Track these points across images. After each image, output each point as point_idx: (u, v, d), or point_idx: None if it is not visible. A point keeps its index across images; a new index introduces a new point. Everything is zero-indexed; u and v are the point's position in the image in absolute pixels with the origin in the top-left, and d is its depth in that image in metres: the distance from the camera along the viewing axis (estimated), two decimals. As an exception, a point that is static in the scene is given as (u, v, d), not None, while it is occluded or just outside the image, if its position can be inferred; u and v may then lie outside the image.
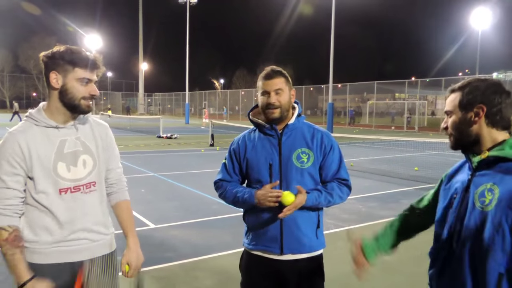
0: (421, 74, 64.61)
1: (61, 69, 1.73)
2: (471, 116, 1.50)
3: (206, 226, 5.72)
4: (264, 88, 2.07)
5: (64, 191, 1.75)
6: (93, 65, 1.76)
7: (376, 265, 1.91)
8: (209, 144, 16.30)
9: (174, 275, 4.05)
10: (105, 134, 1.95)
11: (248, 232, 2.16)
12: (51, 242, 1.75)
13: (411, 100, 38.64)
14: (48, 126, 1.76)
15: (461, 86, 1.55)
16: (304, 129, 2.12)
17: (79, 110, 1.78)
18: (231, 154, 2.21)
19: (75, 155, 1.79)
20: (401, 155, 13.80)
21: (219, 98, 58.97)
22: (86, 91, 1.76)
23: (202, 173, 10.07)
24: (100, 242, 1.87)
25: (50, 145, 1.74)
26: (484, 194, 1.42)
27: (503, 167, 1.42)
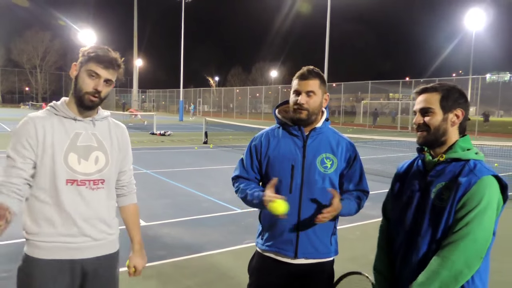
0: (416, 74, 64.97)
1: (80, 61, 1.80)
2: (450, 118, 1.65)
3: (197, 224, 5.70)
4: (296, 87, 2.01)
5: (70, 182, 1.75)
6: (106, 61, 1.77)
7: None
8: (203, 141, 16.26)
9: (165, 274, 4.02)
10: (122, 136, 1.96)
11: (263, 232, 2.11)
12: (53, 234, 1.74)
13: (405, 100, 38.83)
14: (66, 117, 1.80)
15: (438, 88, 1.67)
16: (329, 134, 2.08)
17: (83, 104, 1.79)
18: (251, 151, 2.13)
19: (88, 150, 1.80)
20: (394, 155, 13.87)
21: (214, 96, 58.86)
22: (91, 86, 1.77)
23: (195, 171, 10.03)
24: (103, 242, 1.85)
25: (65, 134, 1.77)
26: (440, 192, 1.58)
27: (456, 166, 1.60)
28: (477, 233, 1.49)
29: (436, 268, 1.52)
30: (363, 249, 4.78)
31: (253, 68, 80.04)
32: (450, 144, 1.66)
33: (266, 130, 2.17)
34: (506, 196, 1.57)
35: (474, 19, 33.76)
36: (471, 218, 1.50)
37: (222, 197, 7.21)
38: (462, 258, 1.49)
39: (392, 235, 1.81)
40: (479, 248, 1.50)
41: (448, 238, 1.54)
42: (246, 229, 5.51)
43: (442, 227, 1.57)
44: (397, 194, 1.80)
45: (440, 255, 1.53)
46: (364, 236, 5.30)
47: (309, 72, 1.99)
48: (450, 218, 1.55)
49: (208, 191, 7.63)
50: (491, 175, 1.54)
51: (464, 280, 1.51)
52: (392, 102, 46.00)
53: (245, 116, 45.81)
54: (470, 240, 1.49)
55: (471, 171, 1.56)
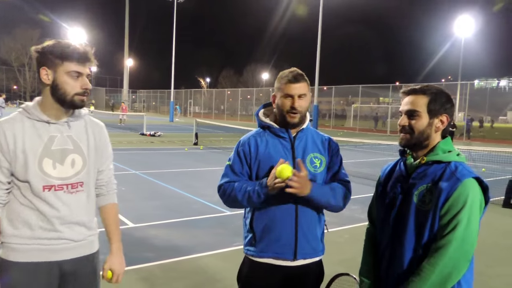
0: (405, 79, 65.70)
1: (50, 64, 1.68)
2: (435, 123, 1.65)
3: (187, 226, 5.65)
4: (288, 91, 1.98)
5: (47, 188, 1.69)
6: (83, 58, 1.70)
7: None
8: (193, 143, 16.19)
9: (154, 276, 3.98)
10: (99, 134, 1.89)
11: (253, 239, 2.03)
12: (31, 237, 1.69)
13: (396, 105, 39.17)
14: (39, 120, 1.71)
15: (426, 91, 1.66)
16: (313, 134, 2.12)
17: (73, 105, 1.74)
18: (239, 156, 2.07)
19: (63, 153, 1.73)
20: (384, 159, 13.97)
21: (205, 97, 58.71)
22: (78, 86, 1.71)
23: (185, 172, 9.98)
24: (81, 243, 1.81)
25: (38, 139, 1.69)
26: (423, 194, 1.58)
27: (437, 168, 1.61)
28: (464, 236, 1.50)
29: (425, 274, 1.51)
30: (352, 252, 4.77)
31: (245, 70, 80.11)
32: (432, 146, 1.66)
33: (251, 133, 2.13)
34: (488, 198, 1.58)
35: (463, 26, 34.21)
36: (457, 221, 1.50)
37: (211, 199, 7.16)
38: (451, 262, 1.49)
39: (377, 238, 1.81)
40: (467, 250, 1.51)
41: (436, 242, 1.54)
42: (235, 231, 5.48)
43: (427, 230, 1.57)
44: (380, 196, 1.81)
45: (429, 261, 1.53)
46: (353, 239, 5.31)
47: (300, 75, 2.00)
48: (435, 221, 1.55)
49: (197, 193, 7.58)
50: (472, 177, 1.55)
51: (452, 283, 1.51)
52: (382, 106, 46.35)
53: (236, 118, 45.75)
54: (458, 244, 1.49)
55: (453, 174, 1.56)
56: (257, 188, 1.91)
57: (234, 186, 2.00)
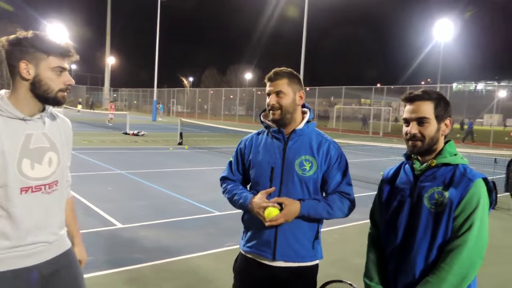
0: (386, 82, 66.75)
1: (31, 57, 1.56)
2: (442, 127, 1.68)
3: (176, 226, 5.60)
4: (267, 90, 2.06)
5: (25, 190, 1.58)
6: (66, 52, 1.61)
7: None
8: (178, 142, 16.06)
9: (144, 277, 3.93)
10: (69, 131, 1.84)
11: (245, 233, 2.13)
12: (8, 247, 1.58)
13: (377, 106, 39.76)
14: (13, 117, 1.57)
15: (430, 96, 1.67)
16: (312, 136, 2.06)
17: (56, 102, 1.65)
18: (237, 154, 2.19)
19: (41, 152, 1.63)
20: (368, 160, 14.15)
21: (188, 96, 58.30)
22: (62, 82, 1.63)
23: (171, 172, 9.88)
24: (55, 243, 1.74)
25: (15, 138, 1.56)
26: (434, 197, 1.60)
27: (446, 171, 1.64)
28: (478, 236, 1.54)
29: (442, 274, 1.54)
30: (342, 252, 4.82)
31: (228, 69, 79.96)
32: (439, 149, 1.69)
33: (253, 133, 2.21)
34: (492, 199, 1.62)
35: (442, 30, 34.94)
36: (472, 221, 1.54)
37: (200, 199, 7.12)
38: (468, 261, 1.52)
39: (382, 242, 1.81)
40: (481, 250, 1.55)
41: (452, 243, 1.56)
42: (225, 231, 5.46)
43: (442, 231, 1.59)
44: (386, 200, 1.80)
45: (445, 260, 1.55)
46: (342, 239, 5.36)
47: (275, 74, 2.02)
48: (449, 222, 1.58)
49: (185, 193, 7.52)
50: (481, 178, 1.60)
51: (468, 282, 1.55)
52: (364, 107, 46.96)
53: (220, 117, 45.61)
54: (474, 243, 1.53)
55: (463, 175, 1.60)
56: (241, 201, 2.03)
57: (228, 187, 2.16)
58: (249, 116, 48.37)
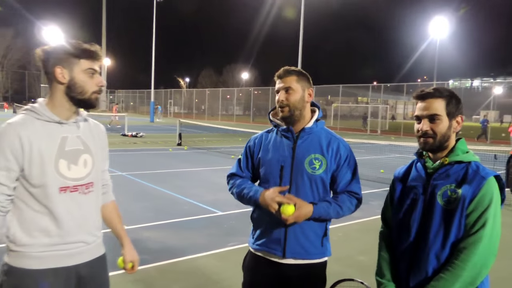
0: (382, 80, 66.86)
1: (65, 63, 1.68)
2: (454, 124, 1.69)
3: (179, 227, 5.60)
4: (276, 87, 2.08)
5: (63, 190, 1.68)
6: (96, 55, 1.72)
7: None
8: (177, 143, 16.05)
9: (151, 278, 3.93)
10: (103, 135, 1.94)
11: (254, 231, 2.14)
12: (49, 244, 1.66)
13: (374, 104, 39.85)
14: (50, 121, 1.69)
15: (441, 93, 1.68)
16: (321, 135, 2.07)
17: (89, 104, 1.75)
18: (246, 151, 2.21)
19: (76, 154, 1.74)
20: (368, 157, 14.18)
21: (185, 97, 58.26)
22: (94, 84, 1.73)
23: (172, 173, 9.88)
24: (93, 245, 1.82)
25: (52, 141, 1.67)
26: (447, 194, 1.61)
27: (459, 168, 1.65)
28: (492, 233, 1.55)
29: (456, 271, 1.54)
30: (346, 250, 4.84)
31: (224, 70, 79.93)
32: (450, 147, 1.70)
33: (262, 132, 2.22)
34: (504, 196, 1.64)
35: (438, 27, 35.07)
36: (486, 219, 1.55)
37: (202, 199, 7.13)
38: (481, 259, 1.53)
39: (394, 240, 1.81)
40: (495, 247, 1.56)
41: (465, 240, 1.57)
42: (229, 231, 5.47)
43: (454, 229, 1.60)
44: (398, 199, 1.81)
45: (459, 257, 1.56)
46: (346, 237, 5.37)
47: (284, 71, 2.05)
48: (462, 219, 1.59)
49: (187, 194, 7.52)
50: (493, 176, 1.61)
51: (482, 278, 1.56)
52: (361, 105, 47.08)
53: (217, 118, 45.59)
54: (488, 240, 1.54)
55: (476, 173, 1.61)
56: (251, 194, 2.02)
57: (236, 181, 2.15)
58: (247, 116, 48.41)
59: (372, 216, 6.28)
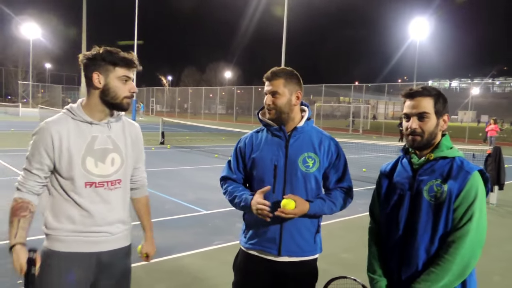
0: (364, 80, 67.72)
1: (102, 69, 1.83)
2: (441, 122, 1.73)
3: (163, 226, 5.57)
4: (265, 88, 2.08)
5: (89, 184, 1.83)
6: (131, 63, 1.86)
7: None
8: (159, 142, 15.91)
9: (136, 277, 3.86)
10: (135, 134, 2.04)
11: (246, 230, 2.14)
12: (73, 230, 1.83)
13: (356, 104, 40.35)
14: (83, 121, 1.85)
15: (430, 92, 1.73)
16: (312, 134, 2.10)
17: (121, 108, 1.89)
18: (236, 152, 2.19)
19: (104, 152, 1.87)
20: (350, 157, 14.23)
21: (167, 95, 57.73)
22: (127, 89, 1.87)
23: (155, 172, 9.78)
24: (118, 235, 1.94)
25: (82, 139, 1.83)
26: (433, 189, 1.65)
27: (444, 164, 1.69)
28: (479, 225, 1.61)
29: (445, 264, 1.59)
30: (330, 248, 4.89)
31: (207, 68, 79.59)
32: (435, 144, 1.75)
33: (252, 132, 2.21)
34: (488, 189, 1.70)
35: (418, 29, 35.70)
36: (472, 212, 1.60)
37: (185, 198, 7.10)
38: (469, 251, 1.59)
39: (383, 236, 1.85)
40: (482, 239, 1.62)
41: (453, 234, 1.62)
42: (213, 230, 5.47)
43: (442, 223, 1.64)
44: (385, 195, 1.84)
45: (447, 251, 1.61)
46: (330, 235, 5.43)
47: (272, 74, 2.05)
48: (450, 214, 1.63)
49: (170, 193, 7.48)
50: (478, 170, 1.67)
51: (470, 270, 1.61)
52: (343, 105, 47.58)
53: (200, 116, 45.39)
54: (475, 233, 1.59)
55: (461, 168, 1.66)
56: (242, 204, 2.03)
57: (228, 188, 2.15)
58: (230, 115, 48.31)
59: (355, 214, 6.37)
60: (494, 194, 7.70)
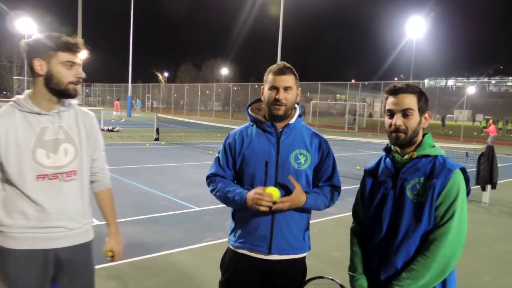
0: (361, 78, 67.71)
1: (44, 55, 1.74)
2: (423, 120, 1.74)
3: (155, 223, 5.54)
4: (273, 83, 2.00)
5: (41, 177, 1.75)
6: (73, 47, 1.77)
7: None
8: (154, 138, 15.85)
9: (125, 274, 3.87)
10: (90, 123, 1.96)
11: (235, 229, 2.10)
12: (26, 226, 1.75)
13: (352, 102, 40.40)
14: (30, 112, 1.77)
15: (413, 89, 1.73)
16: (303, 131, 2.09)
17: (67, 95, 1.80)
18: (225, 149, 2.13)
19: (56, 143, 1.79)
20: (344, 154, 14.35)
21: (163, 92, 57.54)
22: (72, 75, 1.78)
23: (149, 168, 9.75)
24: (77, 231, 1.86)
25: (30, 131, 1.75)
26: (416, 187, 1.65)
27: (426, 162, 1.69)
28: (460, 223, 1.60)
29: (427, 262, 1.58)
30: (321, 246, 4.88)
31: (204, 65, 79.34)
32: (418, 142, 1.75)
33: (240, 128, 2.17)
34: (469, 188, 1.70)
35: (415, 27, 35.72)
36: (454, 210, 1.60)
37: (178, 195, 7.07)
38: (450, 249, 1.58)
39: (366, 235, 1.84)
40: (462, 237, 1.62)
41: (434, 232, 1.61)
42: (205, 227, 5.45)
43: (425, 221, 1.64)
44: (369, 194, 1.84)
45: (429, 249, 1.60)
46: (322, 233, 5.42)
47: (286, 68, 2.01)
48: (432, 212, 1.63)
49: (163, 189, 7.44)
50: (459, 168, 1.67)
51: (451, 269, 1.60)
52: (339, 103, 47.62)
53: (196, 113, 45.28)
54: (456, 231, 1.59)
55: (443, 166, 1.66)
56: (237, 198, 1.96)
57: (219, 185, 2.06)
58: (226, 112, 48.24)
59: (348, 212, 6.32)
60: (486, 193, 7.73)
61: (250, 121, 2.15)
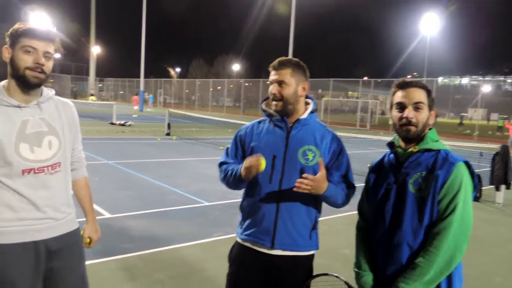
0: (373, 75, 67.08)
1: (11, 42, 1.71)
2: (430, 116, 1.74)
3: (164, 216, 5.57)
4: (270, 78, 2.03)
5: (27, 171, 1.71)
6: (40, 34, 1.68)
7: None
8: (165, 133, 15.93)
9: (134, 267, 3.90)
10: (71, 114, 1.92)
11: (243, 221, 2.10)
12: (15, 219, 1.71)
13: (364, 99, 40.07)
14: (9, 105, 1.70)
15: (423, 85, 1.74)
16: (315, 127, 2.07)
17: (24, 81, 1.70)
18: (236, 140, 2.17)
19: (39, 136, 1.74)
20: (356, 152, 14.26)
21: (175, 87, 57.80)
22: (30, 60, 1.68)
23: (159, 162, 9.80)
24: (62, 221, 1.85)
25: (10, 125, 1.68)
26: (418, 182, 1.64)
27: (429, 156, 1.68)
28: (463, 217, 1.58)
29: (431, 257, 1.56)
30: (331, 243, 4.85)
31: (215, 60, 79.43)
32: (422, 136, 1.73)
33: (253, 122, 2.19)
34: (476, 182, 1.67)
35: (429, 24, 35.23)
36: (456, 203, 1.58)
37: (188, 189, 7.09)
38: (454, 243, 1.56)
39: (370, 230, 1.83)
40: (467, 230, 1.59)
41: (437, 226, 1.59)
42: (214, 222, 5.45)
43: (427, 216, 1.62)
44: (373, 189, 1.83)
45: (432, 244, 1.58)
46: (332, 230, 5.39)
47: (279, 63, 2.00)
48: (434, 206, 1.61)
49: (174, 183, 7.48)
50: (463, 162, 1.64)
51: (455, 263, 1.57)
52: (351, 100, 47.27)
53: (207, 108, 45.37)
54: (458, 224, 1.56)
55: (445, 160, 1.64)
56: (234, 173, 2.01)
57: (223, 168, 2.14)
58: (237, 108, 48.23)
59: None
60: (501, 194, 7.59)
61: (265, 116, 2.16)
